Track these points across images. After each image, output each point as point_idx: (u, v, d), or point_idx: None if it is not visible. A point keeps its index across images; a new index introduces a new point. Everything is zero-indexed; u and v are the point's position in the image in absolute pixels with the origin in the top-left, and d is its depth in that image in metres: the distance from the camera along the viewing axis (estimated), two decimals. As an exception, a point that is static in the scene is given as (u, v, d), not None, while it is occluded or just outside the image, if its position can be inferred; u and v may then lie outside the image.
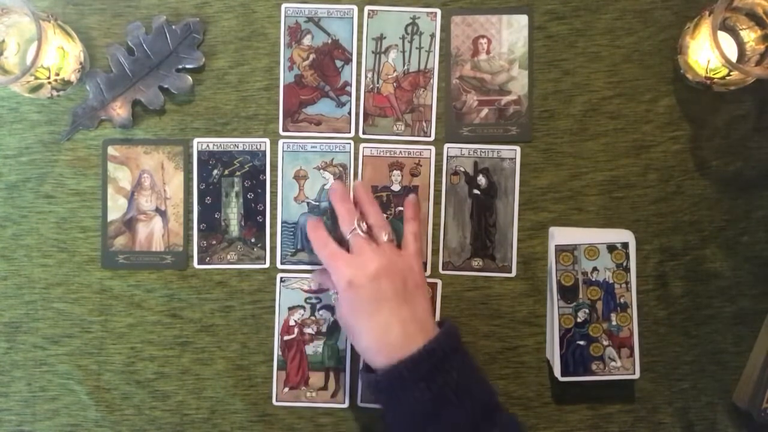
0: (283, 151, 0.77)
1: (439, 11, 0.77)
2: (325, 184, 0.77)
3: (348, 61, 0.77)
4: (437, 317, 0.77)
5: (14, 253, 0.77)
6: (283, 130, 0.77)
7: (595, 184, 0.77)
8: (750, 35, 0.72)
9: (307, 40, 0.77)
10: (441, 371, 0.65)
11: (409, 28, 0.77)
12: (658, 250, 0.76)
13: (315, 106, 0.77)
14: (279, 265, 0.77)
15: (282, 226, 0.77)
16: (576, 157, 0.77)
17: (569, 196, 0.77)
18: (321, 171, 0.77)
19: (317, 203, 0.77)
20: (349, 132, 0.77)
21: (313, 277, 0.77)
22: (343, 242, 0.71)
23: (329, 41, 0.77)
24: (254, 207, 0.77)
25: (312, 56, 0.77)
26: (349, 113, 0.77)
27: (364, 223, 0.71)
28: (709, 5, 0.69)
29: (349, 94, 0.77)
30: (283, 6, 0.77)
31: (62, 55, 0.71)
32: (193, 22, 0.76)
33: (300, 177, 0.77)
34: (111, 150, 0.77)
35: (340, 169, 0.77)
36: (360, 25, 0.77)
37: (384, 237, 0.71)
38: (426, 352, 0.65)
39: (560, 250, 0.74)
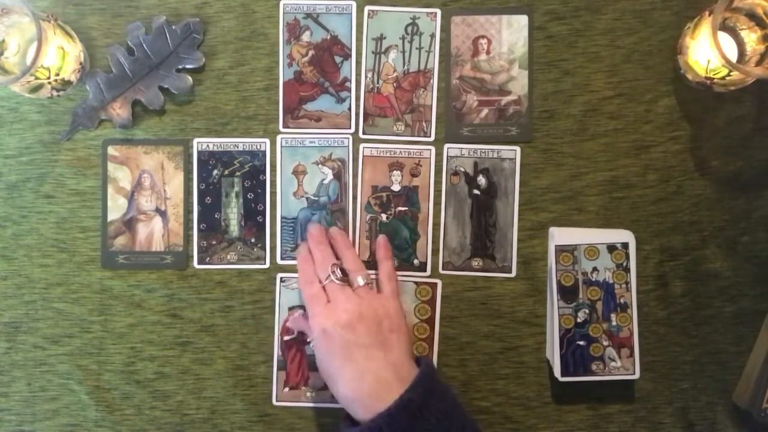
0: (281, 146, 0.77)
1: (439, 11, 0.77)
2: (324, 179, 0.77)
3: (347, 56, 0.77)
4: (437, 319, 0.77)
5: (14, 253, 0.77)
6: (284, 127, 0.77)
7: (595, 184, 0.77)
8: (750, 35, 0.72)
9: (306, 37, 0.77)
10: (420, 419, 0.64)
11: (409, 28, 0.77)
12: (658, 250, 0.76)
13: (315, 102, 0.77)
14: (279, 261, 0.77)
15: (281, 222, 0.77)
16: (576, 157, 0.77)
17: (569, 196, 0.77)
18: (320, 166, 0.77)
19: (316, 198, 0.77)
20: (350, 128, 0.77)
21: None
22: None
23: (328, 37, 0.77)
24: (254, 207, 0.77)
25: (311, 52, 0.77)
26: (349, 109, 0.77)
27: (339, 269, 0.71)
28: (709, 5, 0.69)
29: (349, 90, 0.77)
30: (282, 2, 0.77)
31: (62, 55, 0.71)
32: (193, 22, 0.76)
33: (299, 172, 0.77)
34: (111, 150, 0.77)
35: (339, 163, 0.77)
36: (359, 22, 0.77)
37: (360, 281, 0.71)
38: (402, 404, 0.63)
39: (560, 250, 0.75)
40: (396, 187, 0.77)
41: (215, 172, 0.77)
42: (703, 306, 0.77)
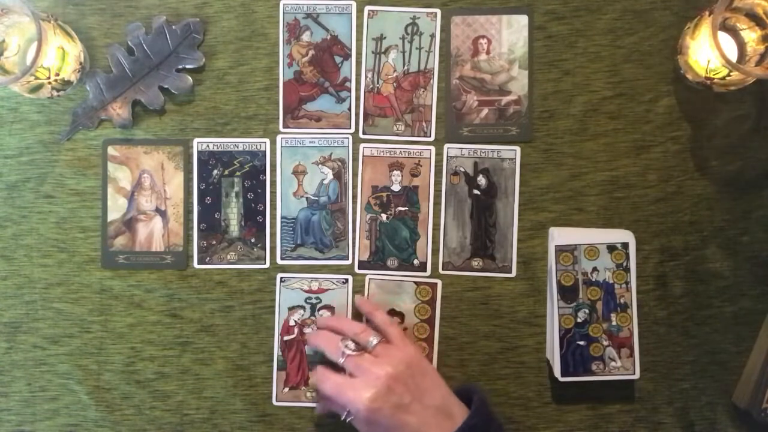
0: (281, 146, 0.77)
1: (439, 11, 0.77)
2: (324, 179, 0.77)
3: (347, 56, 0.77)
4: (437, 319, 0.77)
5: (14, 253, 0.77)
6: (284, 127, 0.77)
7: (595, 184, 0.77)
8: (750, 35, 0.72)
9: (306, 37, 0.77)
10: None
11: (409, 28, 0.77)
12: (658, 250, 0.76)
13: (315, 102, 0.77)
14: (279, 261, 0.77)
15: (281, 222, 0.77)
16: (576, 157, 0.77)
17: (569, 196, 0.77)
18: (319, 166, 0.77)
19: (316, 198, 0.77)
20: (350, 128, 0.77)
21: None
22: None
23: (328, 37, 0.77)
24: (254, 207, 0.77)
25: (311, 52, 0.77)
26: (349, 109, 0.77)
27: (349, 341, 0.70)
28: (709, 5, 0.69)
29: (349, 90, 0.77)
30: (282, 2, 0.77)
31: (62, 55, 0.71)
32: (193, 22, 0.76)
33: (299, 172, 0.77)
34: (111, 150, 0.77)
35: (339, 163, 0.77)
36: (359, 22, 0.77)
37: (373, 340, 0.70)
38: (468, 428, 0.66)
39: (560, 250, 0.74)
40: (396, 187, 0.77)
41: (215, 172, 0.77)
42: (703, 306, 0.77)
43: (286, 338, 0.77)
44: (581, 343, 0.74)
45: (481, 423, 0.67)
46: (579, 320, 0.74)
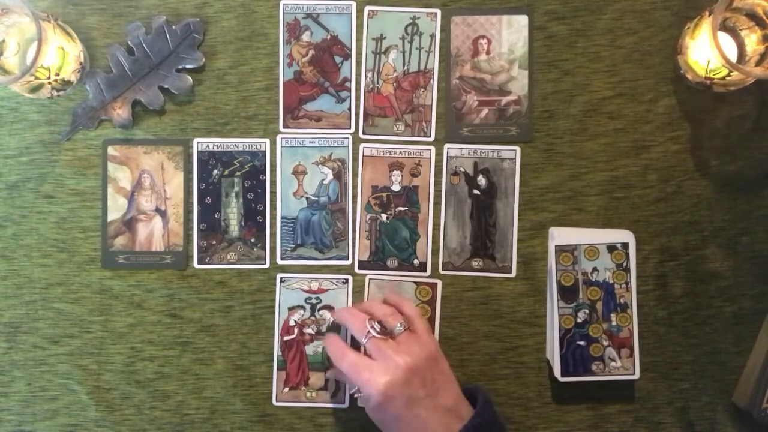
0: (281, 146, 0.77)
1: (439, 11, 0.77)
2: (323, 179, 0.77)
3: (347, 56, 0.77)
4: (437, 319, 0.77)
5: (14, 253, 0.77)
6: (284, 127, 0.77)
7: (595, 184, 0.77)
8: (750, 36, 0.72)
9: (306, 37, 0.77)
10: None
11: (409, 29, 0.77)
12: (658, 250, 0.76)
13: (315, 102, 0.77)
14: (279, 261, 0.77)
15: (281, 222, 0.77)
16: (576, 157, 0.77)
17: (569, 196, 0.77)
18: (319, 166, 0.77)
19: (316, 198, 0.77)
20: (350, 128, 0.77)
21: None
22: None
23: (328, 37, 0.77)
24: (254, 207, 0.77)
25: (311, 52, 0.77)
26: (349, 109, 0.77)
27: (376, 323, 0.69)
28: (709, 5, 0.69)
29: (349, 90, 0.77)
30: (282, 2, 0.77)
31: (62, 55, 0.71)
32: (193, 22, 0.76)
33: (299, 172, 0.77)
34: (111, 150, 0.77)
35: (339, 163, 0.77)
36: (359, 22, 0.77)
37: (400, 327, 0.69)
38: (473, 426, 0.66)
39: (560, 250, 0.75)
40: (396, 187, 0.77)
41: (215, 172, 0.77)
42: (703, 306, 0.77)
43: (286, 338, 0.77)
44: (581, 343, 0.74)
45: (486, 423, 0.67)
46: (579, 320, 0.74)
